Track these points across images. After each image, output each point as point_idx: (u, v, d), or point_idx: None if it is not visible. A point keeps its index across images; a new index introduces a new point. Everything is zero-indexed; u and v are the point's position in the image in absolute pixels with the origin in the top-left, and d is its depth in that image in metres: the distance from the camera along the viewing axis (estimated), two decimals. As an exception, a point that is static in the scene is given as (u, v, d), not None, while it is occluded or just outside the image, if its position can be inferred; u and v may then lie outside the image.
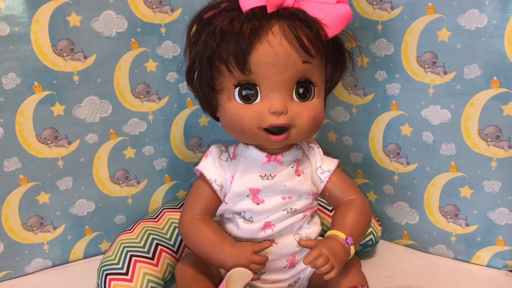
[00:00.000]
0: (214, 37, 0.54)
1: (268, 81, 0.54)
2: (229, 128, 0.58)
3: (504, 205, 0.68)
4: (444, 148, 0.70)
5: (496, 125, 0.65)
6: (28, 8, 0.61)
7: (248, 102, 0.55)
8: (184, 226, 0.60)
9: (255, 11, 0.53)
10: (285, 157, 0.59)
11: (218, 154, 0.60)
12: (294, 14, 0.54)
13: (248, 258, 0.55)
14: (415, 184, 0.74)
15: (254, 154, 0.59)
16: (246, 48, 0.52)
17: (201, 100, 0.61)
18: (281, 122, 0.54)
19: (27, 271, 0.71)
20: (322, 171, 0.62)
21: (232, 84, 0.55)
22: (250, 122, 0.55)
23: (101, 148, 0.71)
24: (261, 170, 0.59)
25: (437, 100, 0.69)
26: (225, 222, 0.62)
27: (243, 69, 0.53)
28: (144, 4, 0.68)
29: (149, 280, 0.64)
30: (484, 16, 0.62)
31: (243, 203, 0.59)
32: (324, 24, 0.53)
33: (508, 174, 0.67)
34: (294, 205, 0.60)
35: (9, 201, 0.67)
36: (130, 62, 0.70)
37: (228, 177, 0.59)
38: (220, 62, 0.54)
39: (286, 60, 0.53)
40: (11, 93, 0.63)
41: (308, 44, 0.53)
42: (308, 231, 0.61)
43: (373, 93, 0.74)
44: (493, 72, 0.63)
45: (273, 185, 0.59)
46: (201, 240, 0.58)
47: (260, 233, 0.59)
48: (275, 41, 0.53)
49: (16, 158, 0.66)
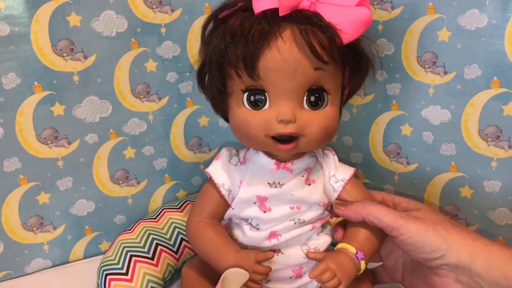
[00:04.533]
0: (224, 39, 0.51)
1: (277, 88, 0.51)
2: (237, 133, 0.56)
3: (504, 205, 0.68)
4: (444, 148, 0.70)
5: (496, 125, 0.65)
6: (28, 8, 0.61)
7: (257, 108, 0.53)
8: (190, 228, 0.59)
9: (266, 14, 0.50)
10: (295, 165, 0.56)
11: (228, 157, 0.59)
12: (307, 18, 0.50)
13: (250, 267, 0.53)
14: (415, 184, 0.74)
15: (263, 160, 0.57)
16: (254, 52, 0.50)
17: (213, 104, 0.59)
18: (289, 131, 0.52)
19: (27, 271, 0.71)
20: (336, 180, 0.59)
21: (241, 89, 0.53)
22: (257, 129, 0.52)
23: (101, 148, 0.71)
24: (270, 178, 0.56)
25: (437, 100, 0.69)
26: (233, 227, 0.60)
27: (251, 74, 0.51)
28: (144, 4, 0.68)
29: (149, 280, 0.64)
30: (484, 16, 0.62)
31: (250, 210, 0.57)
32: (339, 29, 0.50)
33: (508, 174, 0.67)
34: (303, 216, 0.57)
35: (9, 201, 0.67)
36: (130, 62, 0.70)
37: (237, 182, 0.58)
38: (229, 65, 0.52)
39: (296, 67, 0.50)
40: (11, 93, 0.63)
41: (321, 50, 0.50)
42: (317, 242, 0.59)
43: (373, 93, 0.74)
44: (493, 72, 0.63)
45: (280, 194, 0.56)
46: (206, 244, 0.57)
47: (265, 242, 0.57)
48: (285, 46, 0.50)
49: (16, 158, 0.66)
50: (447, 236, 0.51)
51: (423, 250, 0.51)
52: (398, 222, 0.52)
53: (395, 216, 0.53)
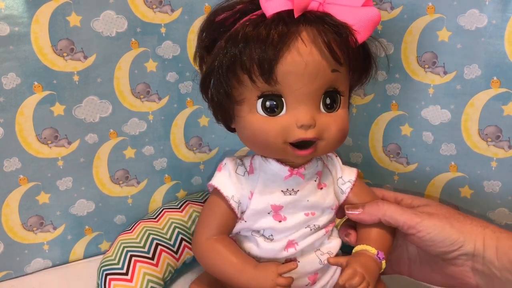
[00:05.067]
0: (237, 43, 0.49)
1: (295, 92, 0.49)
2: (251, 142, 0.53)
3: (504, 205, 0.68)
4: (444, 148, 0.70)
5: (496, 125, 0.65)
6: (28, 8, 0.61)
7: (273, 115, 0.50)
8: (200, 247, 0.56)
9: (282, 16, 0.48)
10: (308, 170, 0.55)
11: (234, 168, 0.56)
12: (321, 18, 0.49)
13: (273, 280, 0.51)
14: (415, 184, 0.74)
15: (275, 167, 0.54)
16: (274, 56, 0.47)
17: (216, 111, 0.56)
18: (310, 136, 0.50)
19: (27, 271, 0.71)
20: (343, 182, 0.59)
21: (255, 95, 0.50)
22: (276, 136, 0.50)
23: (101, 148, 0.71)
24: (283, 185, 0.54)
25: (437, 100, 0.69)
26: (243, 241, 0.57)
27: (268, 79, 0.48)
28: (144, 4, 0.68)
29: (149, 280, 0.64)
30: (484, 16, 0.62)
31: (264, 221, 0.55)
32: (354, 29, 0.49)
33: (508, 174, 0.67)
34: (317, 221, 0.56)
35: (9, 201, 0.67)
36: (130, 62, 0.70)
37: (246, 193, 0.55)
38: (242, 71, 0.49)
39: (317, 70, 0.49)
40: (11, 93, 0.63)
41: (339, 51, 0.49)
42: (329, 246, 0.58)
43: (373, 93, 0.74)
44: (493, 72, 0.63)
45: (296, 201, 0.55)
46: (221, 263, 0.54)
47: (282, 252, 0.55)
48: (305, 49, 0.48)
49: (16, 158, 0.66)
50: (462, 228, 0.52)
51: (443, 244, 0.52)
52: (414, 220, 0.53)
53: (410, 214, 0.54)
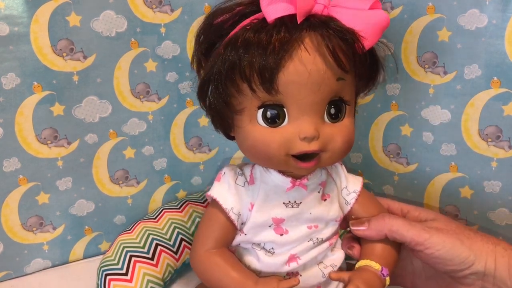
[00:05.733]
0: (236, 50, 0.46)
1: (298, 103, 0.46)
2: (251, 153, 0.50)
3: (504, 205, 0.68)
4: (444, 148, 0.70)
5: (496, 125, 0.65)
6: (27, 8, 0.61)
7: (274, 126, 0.48)
8: (199, 260, 0.53)
9: (284, 21, 0.45)
10: (311, 180, 0.52)
11: (233, 178, 0.53)
12: (325, 23, 0.46)
13: None
14: (415, 184, 0.74)
15: (277, 179, 0.52)
16: (275, 65, 0.44)
17: (214, 120, 0.53)
18: (313, 149, 0.47)
19: (26, 271, 0.71)
20: (348, 192, 0.56)
21: (256, 105, 0.47)
22: (278, 149, 0.47)
23: (101, 148, 0.71)
24: (285, 197, 0.52)
25: (437, 100, 0.69)
26: (243, 254, 0.55)
27: (269, 89, 0.46)
28: (144, 4, 0.68)
29: (149, 280, 0.64)
30: (484, 16, 0.62)
31: (265, 234, 0.52)
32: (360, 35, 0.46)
33: (508, 174, 0.66)
34: (320, 234, 0.53)
35: (9, 201, 0.67)
36: (130, 62, 0.70)
37: (246, 205, 0.52)
38: (242, 79, 0.46)
39: (321, 79, 0.46)
40: (11, 93, 0.63)
41: (344, 59, 0.46)
42: (332, 258, 0.55)
43: (373, 93, 0.74)
44: (493, 72, 0.63)
45: (298, 214, 0.52)
46: (220, 277, 0.52)
47: (284, 266, 0.52)
48: (308, 57, 0.45)
49: (15, 158, 0.66)
50: (472, 246, 0.49)
51: (452, 262, 0.49)
52: (422, 236, 0.50)
53: (417, 230, 0.51)
